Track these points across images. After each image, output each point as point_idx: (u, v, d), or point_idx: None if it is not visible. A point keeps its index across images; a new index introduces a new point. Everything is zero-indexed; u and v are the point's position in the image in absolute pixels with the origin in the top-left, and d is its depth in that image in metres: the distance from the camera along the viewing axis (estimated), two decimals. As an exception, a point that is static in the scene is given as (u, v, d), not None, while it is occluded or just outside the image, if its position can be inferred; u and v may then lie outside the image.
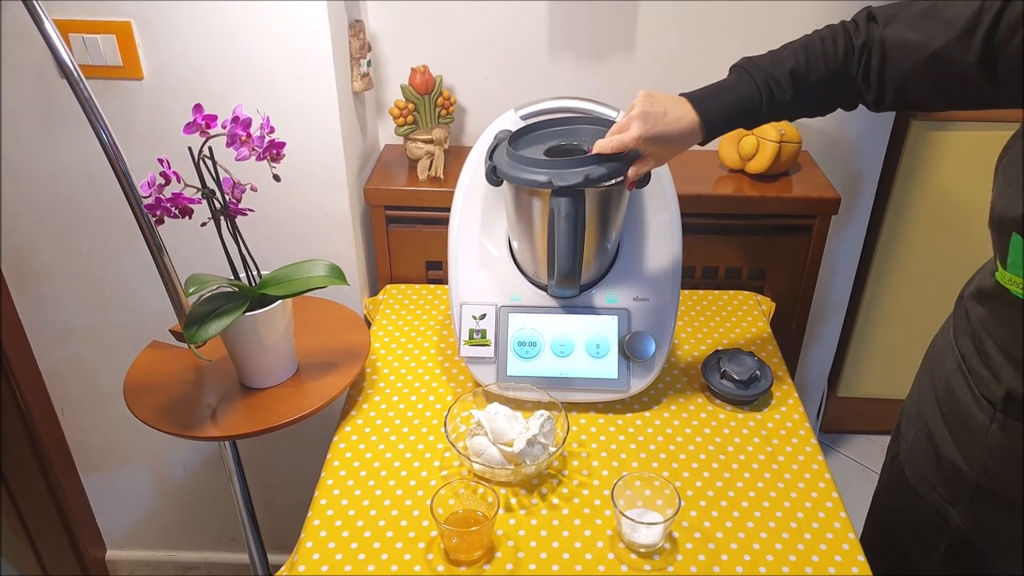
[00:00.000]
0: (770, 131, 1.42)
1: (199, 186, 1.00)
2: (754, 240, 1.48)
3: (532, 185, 1.03)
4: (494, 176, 1.09)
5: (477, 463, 1.04)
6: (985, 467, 0.88)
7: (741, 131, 1.45)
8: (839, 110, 1.00)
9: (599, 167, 1.01)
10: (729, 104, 0.98)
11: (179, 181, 0.99)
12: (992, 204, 0.80)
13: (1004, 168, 0.80)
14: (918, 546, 1.02)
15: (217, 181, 1.02)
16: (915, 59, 0.86)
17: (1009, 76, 0.79)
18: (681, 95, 1.00)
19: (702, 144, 1.01)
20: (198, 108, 0.95)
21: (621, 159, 1.03)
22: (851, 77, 0.94)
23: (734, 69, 1.00)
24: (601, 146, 1.00)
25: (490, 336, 1.17)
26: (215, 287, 1.08)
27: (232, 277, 1.10)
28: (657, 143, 0.97)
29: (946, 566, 0.98)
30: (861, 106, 0.99)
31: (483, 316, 1.18)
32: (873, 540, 1.11)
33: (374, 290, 1.57)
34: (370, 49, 1.39)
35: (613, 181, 1.02)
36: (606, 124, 1.14)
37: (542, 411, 1.08)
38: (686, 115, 0.97)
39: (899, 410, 1.08)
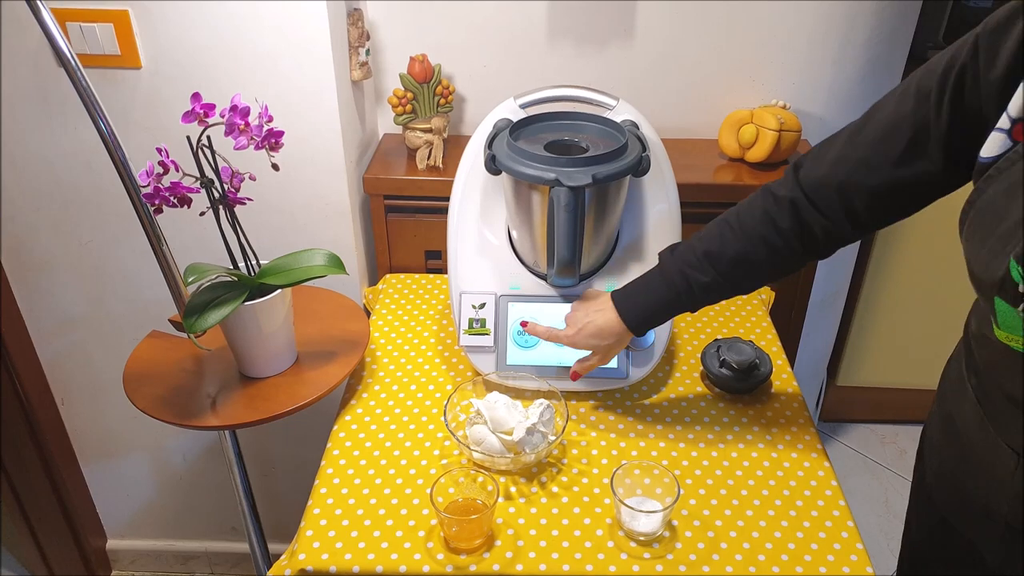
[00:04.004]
0: (769, 119, 1.42)
1: (198, 175, 1.00)
2: (754, 229, 1.48)
3: (540, 182, 1.03)
4: (493, 165, 1.09)
5: (477, 452, 1.04)
6: (1013, 510, 0.82)
7: (743, 119, 1.45)
8: None
9: (606, 166, 1.02)
10: (647, 302, 1.03)
11: (178, 170, 0.98)
12: (968, 264, 0.75)
13: (971, 229, 0.75)
14: None
15: (216, 170, 1.01)
16: (852, 175, 0.88)
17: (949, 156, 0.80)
18: (611, 294, 1.07)
19: (638, 335, 1.07)
20: (196, 97, 0.95)
21: (626, 157, 1.04)
22: (781, 232, 0.93)
23: (659, 257, 1.04)
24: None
25: (489, 325, 1.17)
26: (214, 276, 1.08)
27: (231, 266, 1.10)
28: (590, 346, 1.08)
29: None
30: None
31: (483, 305, 1.18)
32: (909, 568, 1.07)
33: (373, 279, 1.57)
34: (369, 38, 1.39)
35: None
36: (604, 121, 1.15)
37: (542, 400, 1.08)
38: (609, 321, 1.05)
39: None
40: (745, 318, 1.37)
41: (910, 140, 0.82)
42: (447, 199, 1.23)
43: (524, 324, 1.15)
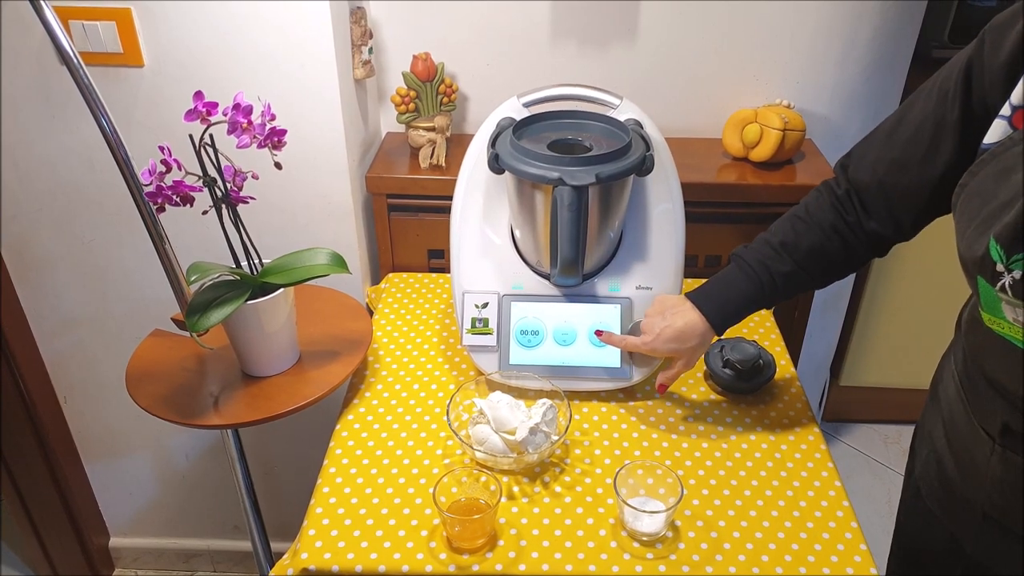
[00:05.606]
0: (774, 119, 1.41)
1: (200, 174, 1.00)
2: (757, 228, 1.46)
3: (543, 181, 1.03)
4: (496, 164, 1.09)
5: (479, 451, 1.04)
6: (990, 498, 0.85)
7: (747, 118, 1.45)
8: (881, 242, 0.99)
9: (609, 166, 1.02)
10: (728, 298, 1.03)
11: (180, 169, 0.98)
12: (957, 244, 0.77)
13: (962, 207, 0.77)
14: (938, 570, 0.99)
15: (218, 169, 1.01)
16: (888, 176, 0.91)
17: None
18: (686, 295, 1.06)
19: (719, 334, 1.06)
20: (199, 95, 0.95)
21: (630, 156, 1.04)
22: (850, 225, 0.96)
23: (730, 259, 1.05)
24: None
25: (492, 324, 1.17)
26: (217, 275, 1.08)
27: (234, 265, 1.10)
28: (671, 351, 1.05)
29: None
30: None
31: (485, 305, 1.18)
32: (898, 561, 1.09)
33: (376, 279, 1.57)
34: (371, 36, 1.38)
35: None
36: (608, 120, 1.14)
37: (544, 399, 1.08)
38: (690, 321, 1.03)
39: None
40: (748, 318, 1.36)
41: (932, 137, 0.85)
42: (450, 198, 1.23)
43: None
